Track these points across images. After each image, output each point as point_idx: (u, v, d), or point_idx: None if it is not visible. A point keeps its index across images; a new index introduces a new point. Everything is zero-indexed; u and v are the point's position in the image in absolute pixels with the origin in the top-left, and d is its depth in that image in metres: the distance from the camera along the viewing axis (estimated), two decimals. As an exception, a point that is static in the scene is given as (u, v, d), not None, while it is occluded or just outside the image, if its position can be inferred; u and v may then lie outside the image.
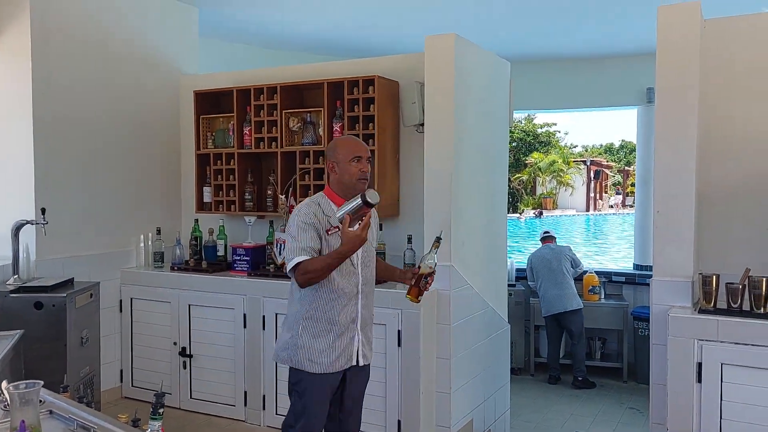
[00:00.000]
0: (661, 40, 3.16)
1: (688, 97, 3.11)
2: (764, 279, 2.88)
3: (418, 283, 2.70)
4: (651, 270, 6.53)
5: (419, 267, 2.73)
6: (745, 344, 2.79)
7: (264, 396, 4.23)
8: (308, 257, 2.55)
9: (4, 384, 1.73)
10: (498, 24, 5.82)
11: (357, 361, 2.73)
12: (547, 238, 6.27)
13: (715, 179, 3.29)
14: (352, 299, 2.69)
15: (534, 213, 31.13)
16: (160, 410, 1.57)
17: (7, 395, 1.62)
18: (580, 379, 5.84)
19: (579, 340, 5.87)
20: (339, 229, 2.56)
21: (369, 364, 2.84)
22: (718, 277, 2.98)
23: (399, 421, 3.75)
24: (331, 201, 2.69)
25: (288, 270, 2.60)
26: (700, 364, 2.87)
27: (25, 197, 4.11)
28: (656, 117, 3.20)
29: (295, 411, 2.71)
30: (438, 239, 2.73)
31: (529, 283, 6.24)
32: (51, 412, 1.88)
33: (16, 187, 4.16)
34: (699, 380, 2.87)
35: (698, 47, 3.11)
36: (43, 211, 3.92)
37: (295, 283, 2.62)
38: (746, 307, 2.92)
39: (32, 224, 3.94)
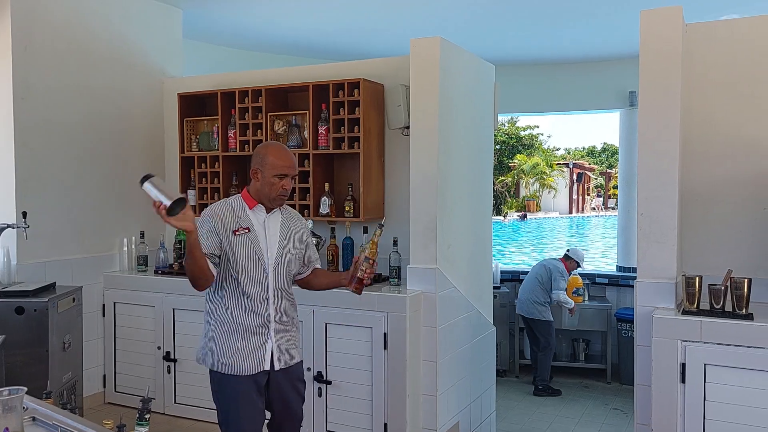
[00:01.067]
0: (643, 43, 3.19)
1: (671, 100, 3.14)
2: (746, 280, 2.91)
3: (355, 273, 2.62)
4: (634, 272, 6.60)
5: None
6: (728, 345, 2.82)
7: (249, 400, 4.20)
8: None
9: (-14, 391, 1.70)
10: (482, 27, 5.85)
11: (272, 366, 2.63)
12: (564, 258, 6.04)
13: (698, 181, 3.33)
14: (263, 303, 2.61)
15: (518, 216, 31.33)
16: (147, 416, 1.55)
17: (-11, 402, 1.59)
18: (540, 387, 5.81)
19: (543, 350, 5.87)
20: (248, 230, 2.58)
21: (296, 365, 2.74)
22: (701, 278, 3.01)
23: (385, 424, 3.74)
24: (245, 203, 2.64)
25: None
26: (683, 365, 2.90)
27: (5, 200, 4.05)
28: (639, 120, 3.23)
29: (220, 418, 2.64)
30: (380, 226, 2.65)
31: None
32: (34, 419, 1.85)
33: (-3, 191, 4.10)
34: (683, 381, 2.90)
35: (680, 51, 3.15)
36: (24, 214, 3.86)
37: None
38: (728, 308, 2.95)
39: (13, 228, 3.88)
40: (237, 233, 2.57)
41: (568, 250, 6.19)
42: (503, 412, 5.13)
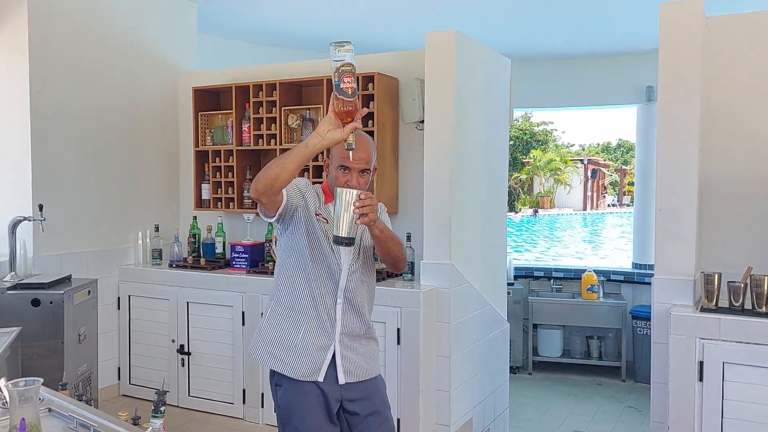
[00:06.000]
0: (663, 37, 3.15)
1: (691, 94, 3.10)
2: (766, 278, 2.87)
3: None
4: (650, 269, 6.52)
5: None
6: (747, 343, 2.79)
7: (263, 394, 4.21)
8: None
9: (2, 381, 1.71)
10: (497, 22, 5.80)
11: (336, 379, 2.29)
12: None
13: (718, 177, 3.28)
14: (331, 308, 2.29)
15: (531, 212, 31.20)
16: (162, 408, 1.55)
17: (6, 393, 1.60)
18: None
19: None
20: (326, 222, 2.25)
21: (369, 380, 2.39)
22: (720, 275, 2.97)
23: (398, 420, 3.73)
24: (323, 195, 2.34)
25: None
26: (701, 363, 2.86)
27: (22, 193, 4.08)
28: (658, 114, 3.19)
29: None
30: None
31: None
32: (50, 410, 1.86)
33: (14, 183, 4.13)
34: (701, 379, 2.87)
35: (700, 45, 3.10)
36: (41, 207, 3.89)
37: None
38: (748, 305, 2.92)
39: (30, 220, 3.91)
40: (318, 217, 2.26)
41: None
42: (516, 409, 5.10)
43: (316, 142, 1.95)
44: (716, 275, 2.98)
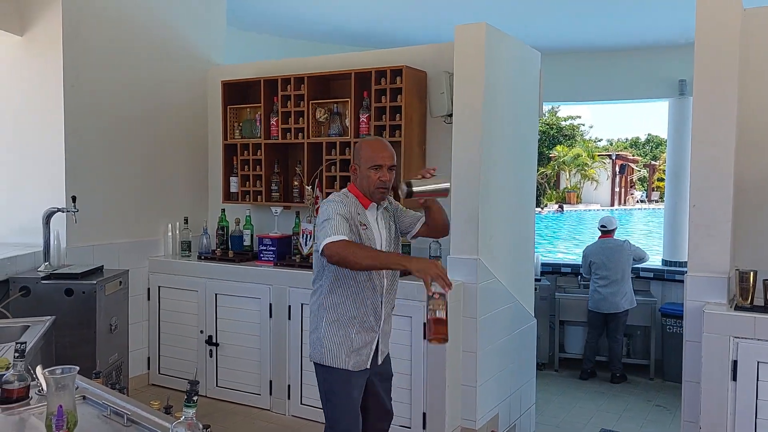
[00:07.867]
0: (699, 29, 3.07)
1: (727, 87, 3.03)
2: (804, 276, 2.80)
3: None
4: (680, 266, 6.40)
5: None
6: (783, 342, 2.72)
7: (289, 386, 4.24)
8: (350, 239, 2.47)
9: (39, 369, 1.74)
10: (526, 14, 5.74)
11: (375, 362, 2.73)
12: (606, 233, 6.01)
13: (754, 172, 3.20)
14: (377, 297, 2.69)
15: (556, 208, 30.88)
16: (195, 398, 1.56)
17: (43, 380, 1.63)
18: (618, 375, 5.84)
19: (620, 338, 5.87)
20: (366, 228, 2.60)
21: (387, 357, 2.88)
22: (755, 273, 2.90)
23: (424, 414, 3.73)
24: (359, 202, 2.65)
25: (326, 243, 2.42)
26: (735, 362, 2.80)
27: (56, 185, 4.16)
28: (694, 108, 3.12)
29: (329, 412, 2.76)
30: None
31: (584, 273, 6.11)
32: (84, 397, 1.89)
33: (48, 175, 4.20)
34: (734, 378, 2.81)
35: (738, 37, 3.02)
36: (74, 199, 3.95)
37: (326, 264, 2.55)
38: (784, 304, 2.85)
39: (63, 212, 3.98)
40: (363, 227, 2.59)
41: (604, 226, 6.02)
42: (542, 405, 5.06)
43: (405, 263, 2.43)
44: (751, 273, 2.91)
